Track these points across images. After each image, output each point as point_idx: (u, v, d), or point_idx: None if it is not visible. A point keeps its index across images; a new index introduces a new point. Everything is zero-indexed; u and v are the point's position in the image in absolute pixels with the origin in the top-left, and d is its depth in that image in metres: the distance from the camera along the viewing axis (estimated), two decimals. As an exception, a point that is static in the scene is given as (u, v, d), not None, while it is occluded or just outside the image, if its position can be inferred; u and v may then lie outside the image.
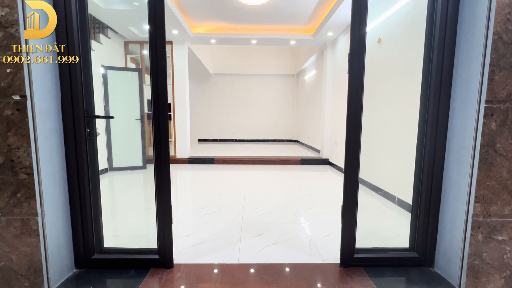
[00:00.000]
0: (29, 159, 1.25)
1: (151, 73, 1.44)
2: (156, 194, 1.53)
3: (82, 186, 1.49)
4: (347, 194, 1.55)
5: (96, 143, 1.58)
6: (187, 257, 1.70)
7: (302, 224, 2.25)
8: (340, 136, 4.63)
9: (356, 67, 1.46)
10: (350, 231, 1.56)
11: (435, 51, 1.45)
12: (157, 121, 1.48)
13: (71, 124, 1.44)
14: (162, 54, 1.42)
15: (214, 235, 2.02)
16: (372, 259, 1.60)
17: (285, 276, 1.50)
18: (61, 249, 1.44)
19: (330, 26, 4.20)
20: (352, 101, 1.49)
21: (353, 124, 1.50)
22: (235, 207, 2.65)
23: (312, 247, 1.84)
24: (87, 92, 1.48)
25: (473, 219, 1.31)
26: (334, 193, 3.27)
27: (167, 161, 1.51)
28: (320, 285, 1.44)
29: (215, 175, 4.26)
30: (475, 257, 1.33)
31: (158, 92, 1.46)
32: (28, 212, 1.28)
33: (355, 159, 1.52)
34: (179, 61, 5.12)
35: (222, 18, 4.41)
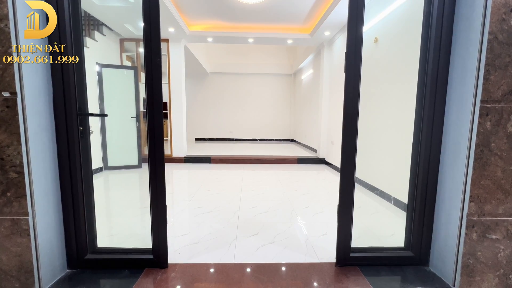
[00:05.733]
0: (20, 157, 1.22)
1: (146, 70, 1.42)
2: (151, 193, 1.51)
3: (75, 185, 1.46)
4: (343, 194, 1.55)
5: (89, 141, 1.55)
6: (182, 257, 1.68)
7: (298, 223, 2.25)
8: (336, 135, 4.64)
9: (352, 66, 1.46)
10: (346, 230, 1.56)
11: (431, 50, 1.45)
12: (151, 119, 1.46)
13: (63, 122, 1.41)
14: (157, 51, 1.40)
15: (209, 235, 2.00)
16: (367, 258, 1.60)
17: (280, 276, 1.49)
18: (53, 249, 1.42)
19: (327, 26, 4.20)
20: (348, 100, 1.49)
21: (349, 123, 1.50)
22: (231, 206, 2.64)
23: (308, 246, 1.84)
24: (80, 89, 1.46)
25: (468, 218, 1.32)
26: (330, 192, 3.28)
27: (162, 159, 1.49)
28: (316, 285, 1.43)
29: (212, 174, 4.24)
30: (469, 256, 1.34)
31: (153, 89, 1.44)
32: (18, 212, 1.25)
33: (351, 158, 1.52)
34: (175, 59, 5.08)
35: (219, 16, 4.38)
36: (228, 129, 8.94)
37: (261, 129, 8.94)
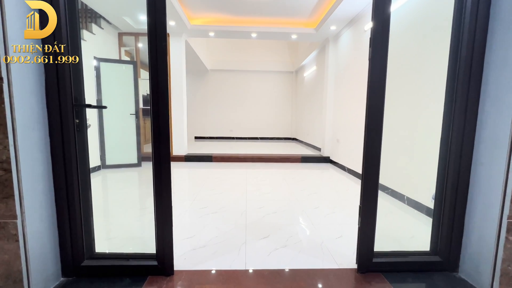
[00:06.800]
0: (6, 152, 1.07)
1: (150, 57, 1.27)
2: (155, 194, 1.37)
3: (70, 184, 1.31)
4: (366, 195, 1.41)
5: (86, 136, 1.41)
6: (188, 262, 1.54)
7: (310, 225, 2.11)
8: (342, 133, 4.51)
9: (379, 53, 1.32)
10: (369, 234, 1.42)
11: (465, 34, 1.32)
12: (156, 112, 1.32)
13: (57, 113, 1.26)
14: (162, 34, 1.25)
15: (216, 237, 1.86)
16: (391, 264, 1.47)
17: (299, 284, 1.35)
18: (46, 256, 1.27)
19: (333, 20, 4.06)
20: (373, 92, 1.36)
21: (373, 120, 1.38)
22: (237, 207, 2.50)
23: (324, 250, 1.70)
24: (76, 78, 1.31)
25: (509, 221, 1.19)
26: (339, 191, 3.14)
27: (167, 157, 1.36)
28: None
29: (214, 173, 4.09)
30: (509, 263, 1.21)
31: (158, 79, 1.29)
32: (5, 215, 1.10)
33: (375, 158, 1.38)
34: (176, 54, 4.91)
35: (221, 9, 4.23)
36: (228, 128, 8.78)
37: (262, 128, 8.80)
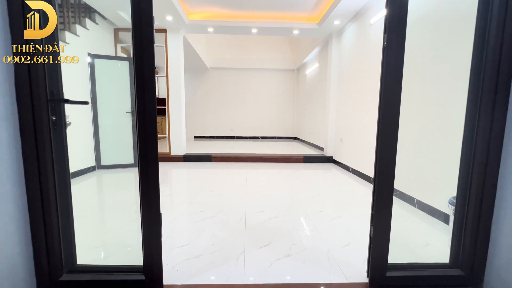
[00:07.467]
0: (-36, 153, 0.92)
1: (134, 44, 1.12)
2: (141, 199, 1.22)
3: (46, 189, 1.16)
4: (380, 203, 1.25)
5: (65, 134, 1.25)
6: (181, 275, 1.39)
7: (314, 231, 1.96)
8: (345, 132, 4.34)
9: (395, 47, 1.17)
10: (382, 246, 1.27)
11: (493, 21, 1.16)
12: (142, 108, 1.16)
13: (28, 109, 1.11)
14: (148, 18, 1.09)
15: (213, 245, 1.71)
16: (407, 278, 1.31)
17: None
18: (17, 271, 1.12)
19: (337, 14, 3.89)
20: (388, 87, 1.20)
21: (388, 113, 1.23)
22: (236, 211, 2.34)
23: (330, 260, 1.55)
24: (51, 68, 1.15)
25: (548, 233, 1.03)
26: (343, 193, 2.98)
27: (155, 159, 1.20)
28: (349, 314, 1.14)
29: (213, 173, 3.94)
30: (548, 281, 1.05)
31: (143, 70, 1.14)
32: (-36, 226, 0.95)
33: (389, 159, 1.23)
34: (174, 51, 4.75)
35: (221, 3, 4.06)
36: (228, 127, 8.63)
37: (263, 127, 8.64)
